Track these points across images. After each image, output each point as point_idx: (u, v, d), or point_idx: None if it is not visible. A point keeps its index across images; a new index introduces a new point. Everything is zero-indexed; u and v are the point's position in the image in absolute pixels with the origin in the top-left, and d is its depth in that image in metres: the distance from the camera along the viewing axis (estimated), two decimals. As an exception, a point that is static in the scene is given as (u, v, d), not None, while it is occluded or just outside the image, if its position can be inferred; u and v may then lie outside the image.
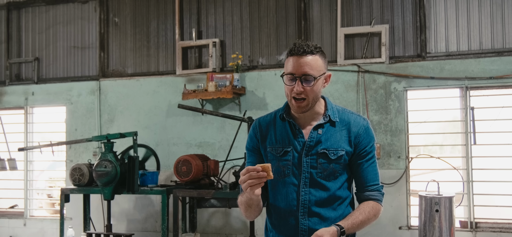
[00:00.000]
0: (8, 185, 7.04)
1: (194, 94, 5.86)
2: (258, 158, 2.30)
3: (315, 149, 2.16)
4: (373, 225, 5.26)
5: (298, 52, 2.07)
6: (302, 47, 2.07)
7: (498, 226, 5.30)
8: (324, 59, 2.14)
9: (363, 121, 2.22)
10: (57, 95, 6.76)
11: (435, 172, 5.80)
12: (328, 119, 2.19)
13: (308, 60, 2.07)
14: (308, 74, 2.06)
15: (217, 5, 6.23)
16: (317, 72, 2.09)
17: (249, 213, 2.19)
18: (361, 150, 2.18)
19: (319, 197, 2.16)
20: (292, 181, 2.18)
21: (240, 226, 5.99)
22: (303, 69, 2.06)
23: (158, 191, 5.36)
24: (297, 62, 2.07)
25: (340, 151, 2.16)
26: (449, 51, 5.48)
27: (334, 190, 2.17)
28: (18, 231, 6.82)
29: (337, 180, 2.17)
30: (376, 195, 2.20)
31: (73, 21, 6.80)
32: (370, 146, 2.20)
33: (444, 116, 5.78)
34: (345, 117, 2.22)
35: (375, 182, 2.21)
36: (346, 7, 5.78)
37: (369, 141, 2.20)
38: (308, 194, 2.16)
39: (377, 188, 2.21)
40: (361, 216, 2.13)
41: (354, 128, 2.19)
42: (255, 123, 2.32)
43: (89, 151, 6.50)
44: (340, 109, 2.25)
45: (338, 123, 2.20)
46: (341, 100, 5.65)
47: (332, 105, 2.25)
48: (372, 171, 2.21)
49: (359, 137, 2.18)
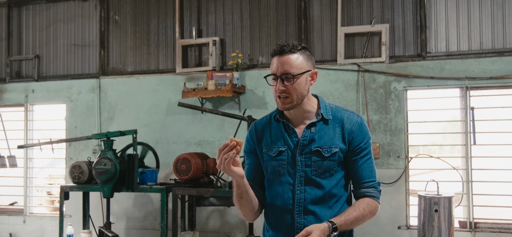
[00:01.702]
0: (8, 182, 7.05)
1: (194, 92, 5.86)
2: (255, 160, 2.32)
3: (309, 147, 2.17)
4: (372, 225, 5.30)
5: (278, 52, 2.12)
6: (282, 47, 2.12)
7: (497, 226, 5.30)
8: (307, 57, 2.16)
9: (356, 117, 2.22)
10: (57, 93, 6.76)
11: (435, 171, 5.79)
12: (321, 117, 2.20)
13: (288, 59, 2.11)
14: (287, 73, 2.10)
15: (217, 3, 6.23)
16: (297, 70, 2.11)
17: (244, 208, 2.18)
18: (355, 146, 2.18)
19: (314, 195, 2.16)
20: (288, 180, 2.19)
21: (239, 224, 5.99)
22: (283, 68, 2.10)
23: (157, 189, 5.37)
24: (277, 62, 2.12)
25: (333, 148, 2.16)
26: (450, 51, 5.47)
27: (329, 188, 2.17)
28: (17, 228, 6.83)
29: (332, 178, 2.17)
30: (372, 192, 2.19)
31: (73, 19, 6.81)
32: (364, 143, 2.19)
33: (444, 116, 5.77)
34: (339, 115, 2.22)
35: (371, 178, 2.20)
36: (347, 6, 5.78)
37: (363, 137, 2.19)
38: (303, 192, 2.16)
39: (373, 185, 2.20)
40: (355, 212, 2.12)
41: (348, 124, 2.19)
42: (251, 126, 2.36)
43: (88, 149, 6.51)
44: (333, 107, 2.25)
45: (331, 120, 2.20)
46: (341, 99, 5.65)
47: (325, 103, 2.26)
48: (368, 168, 2.20)
49: (352, 134, 2.18)
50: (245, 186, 2.11)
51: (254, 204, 2.21)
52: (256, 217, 2.29)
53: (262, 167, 2.30)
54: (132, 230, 6.35)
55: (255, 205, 2.22)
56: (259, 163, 2.31)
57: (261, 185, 2.31)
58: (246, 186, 2.11)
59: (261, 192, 2.30)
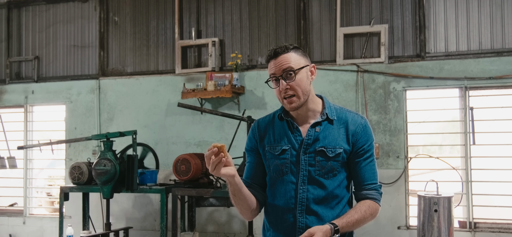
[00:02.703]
0: (8, 183, 7.06)
1: (193, 93, 5.86)
2: (256, 159, 2.31)
3: (313, 147, 2.17)
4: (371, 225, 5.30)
5: (272, 55, 2.16)
6: (274, 50, 2.16)
7: (497, 226, 5.30)
8: (301, 53, 2.19)
9: (361, 119, 2.22)
10: (57, 94, 6.77)
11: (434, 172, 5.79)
12: (326, 116, 2.20)
13: (284, 58, 2.14)
14: (287, 69, 2.12)
15: (216, 4, 6.24)
16: (296, 65, 2.13)
17: (239, 205, 2.19)
18: (359, 148, 2.18)
19: (317, 195, 2.16)
20: (291, 179, 2.19)
21: (238, 225, 6.00)
22: (281, 66, 2.13)
23: (157, 190, 5.37)
24: (274, 63, 2.15)
25: (338, 149, 2.16)
26: (449, 51, 5.48)
27: (332, 188, 2.17)
28: (17, 229, 6.83)
29: (335, 178, 2.18)
30: (373, 194, 2.19)
31: (73, 20, 6.81)
32: (368, 145, 2.20)
33: (443, 116, 5.78)
34: (343, 116, 2.22)
35: (373, 181, 2.21)
36: (346, 7, 5.79)
37: (367, 139, 2.20)
38: (306, 192, 2.16)
39: (375, 187, 2.20)
40: (356, 214, 2.12)
41: (352, 126, 2.19)
42: (254, 124, 2.36)
43: (88, 150, 6.52)
44: (338, 108, 2.26)
45: (336, 120, 2.21)
46: (340, 100, 5.65)
47: (329, 104, 2.26)
48: (370, 170, 2.20)
49: (356, 135, 2.18)
50: (238, 184, 2.10)
51: (250, 202, 2.21)
52: (254, 215, 2.29)
53: (265, 165, 2.29)
54: (132, 231, 6.35)
55: (251, 203, 2.22)
56: (260, 161, 2.30)
57: (261, 184, 2.31)
58: (239, 185, 2.11)
59: (260, 191, 2.29)
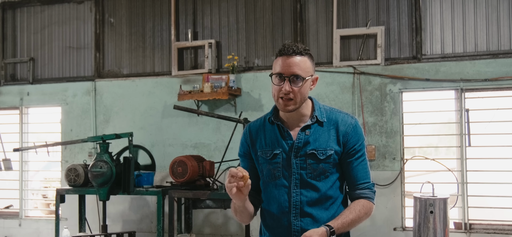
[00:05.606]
0: (3, 185, 7.02)
1: (189, 95, 5.86)
2: (250, 163, 2.32)
3: (304, 150, 2.17)
4: (368, 226, 5.32)
5: (287, 52, 2.09)
6: (291, 48, 2.09)
7: (492, 227, 5.33)
8: (312, 61, 2.16)
9: (351, 119, 2.22)
10: (53, 96, 6.74)
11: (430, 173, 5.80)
12: (316, 119, 2.20)
13: (297, 61, 2.09)
14: (297, 75, 2.08)
15: (213, 6, 6.23)
16: (306, 74, 2.10)
17: (241, 218, 2.23)
18: (350, 148, 2.18)
19: (310, 198, 2.16)
20: (283, 183, 2.19)
21: (235, 227, 6.00)
22: (292, 69, 2.08)
23: (153, 192, 5.36)
24: (286, 62, 2.09)
25: (328, 151, 2.16)
26: (445, 53, 5.50)
27: (325, 190, 2.17)
28: (13, 231, 6.80)
29: (328, 180, 2.18)
30: (367, 193, 2.20)
31: (68, 21, 6.79)
32: (359, 144, 2.20)
33: (439, 118, 5.80)
34: (333, 117, 2.22)
35: (366, 180, 2.21)
36: (342, 9, 5.79)
37: (357, 139, 2.20)
38: (299, 195, 2.17)
39: (368, 186, 2.21)
40: (351, 215, 2.13)
41: (342, 126, 2.19)
42: (246, 129, 2.35)
43: (84, 152, 6.50)
44: (327, 109, 2.25)
45: (326, 122, 2.21)
46: (337, 101, 5.66)
47: (319, 105, 2.25)
48: (362, 169, 2.21)
49: (347, 136, 2.18)
50: (242, 207, 2.14)
51: (250, 211, 2.23)
52: (251, 219, 2.31)
53: (258, 170, 2.29)
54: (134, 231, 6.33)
55: (250, 212, 2.24)
56: (253, 166, 2.30)
57: (256, 189, 2.31)
58: (243, 207, 2.14)
59: (255, 195, 2.30)
